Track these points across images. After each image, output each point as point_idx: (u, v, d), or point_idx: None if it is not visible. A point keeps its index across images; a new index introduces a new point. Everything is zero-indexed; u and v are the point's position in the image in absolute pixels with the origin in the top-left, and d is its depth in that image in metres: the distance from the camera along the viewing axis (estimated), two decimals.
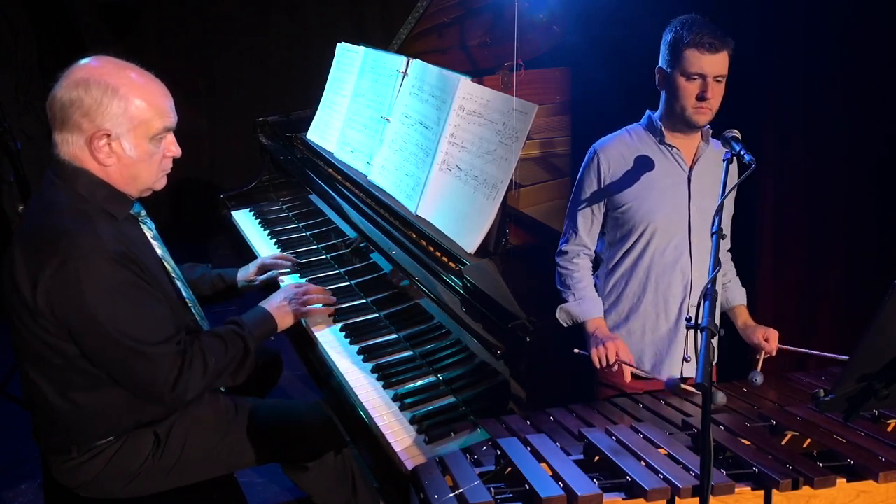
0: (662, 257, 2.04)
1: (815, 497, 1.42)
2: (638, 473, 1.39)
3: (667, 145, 2.04)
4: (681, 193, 2.03)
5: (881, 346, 1.39)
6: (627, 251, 2.07)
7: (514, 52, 2.92)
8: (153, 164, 1.85)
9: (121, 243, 1.76)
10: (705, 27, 1.91)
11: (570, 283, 2.08)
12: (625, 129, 2.11)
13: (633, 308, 2.08)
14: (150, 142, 1.81)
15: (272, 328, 2.12)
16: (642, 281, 2.06)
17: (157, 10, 5.19)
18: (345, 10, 5.36)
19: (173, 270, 2.00)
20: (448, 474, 1.44)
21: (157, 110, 1.80)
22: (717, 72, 1.92)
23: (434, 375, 2.16)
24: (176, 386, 1.79)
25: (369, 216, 2.56)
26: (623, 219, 2.05)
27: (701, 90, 1.93)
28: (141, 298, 1.77)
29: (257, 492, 2.91)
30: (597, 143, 2.11)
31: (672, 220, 2.02)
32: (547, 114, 3.11)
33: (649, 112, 2.10)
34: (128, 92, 1.75)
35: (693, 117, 1.96)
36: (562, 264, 2.12)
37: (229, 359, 1.92)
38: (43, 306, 1.70)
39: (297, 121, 3.54)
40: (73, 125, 1.74)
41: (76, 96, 1.72)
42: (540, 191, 2.84)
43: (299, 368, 3.39)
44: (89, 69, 1.76)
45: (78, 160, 1.78)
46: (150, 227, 1.99)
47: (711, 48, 1.89)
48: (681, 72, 1.93)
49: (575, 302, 2.05)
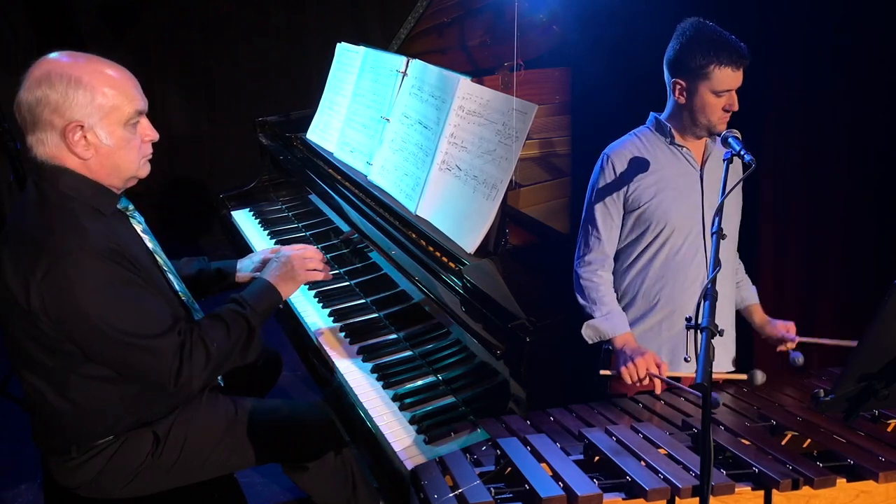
0: (678, 255, 2.06)
1: (815, 497, 1.42)
2: (638, 473, 1.39)
3: (677, 146, 2.07)
4: (694, 192, 2.05)
5: (881, 346, 1.39)
6: (643, 250, 2.08)
7: (514, 52, 2.92)
8: (132, 151, 1.83)
9: (110, 240, 1.74)
10: (728, 43, 1.92)
11: (595, 297, 2.05)
12: (632, 133, 2.13)
13: (650, 306, 2.09)
14: (125, 128, 1.79)
15: (277, 299, 2.04)
16: (658, 279, 2.07)
17: (157, 10, 5.19)
18: (345, 10, 5.35)
19: (164, 263, 1.98)
20: (448, 474, 1.44)
21: (125, 95, 1.78)
22: (740, 83, 1.96)
23: (434, 375, 2.16)
24: (179, 376, 1.77)
25: (369, 216, 2.56)
26: (640, 220, 2.07)
27: (728, 103, 1.96)
28: (133, 293, 1.76)
29: (257, 492, 2.91)
30: (607, 148, 2.12)
31: (687, 218, 2.04)
32: (547, 114, 3.11)
33: (654, 114, 2.11)
34: (91, 80, 1.73)
35: (718, 127, 2.00)
36: (585, 276, 2.09)
37: (233, 341, 1.88)
38: (37, 309, 1.69)
39: (297, 121, 3.54)
40: (44, 124, 1.72)
41: (41, 94, 1.70)
42: (540, 191, 2.83)
43: (299, 368, 3.40)
44: (48, 65, 1.74)
45: (57, 159, 1.76)
46: (139, 221, 1.98)
47: (741, 64, 1.92)
48: (710, 89, 1.94)
49: (602, 317, 2.03)
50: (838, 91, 2.37)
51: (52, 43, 4.65)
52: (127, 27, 5.14)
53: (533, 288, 2.09)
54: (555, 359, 2.01)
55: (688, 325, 1.35)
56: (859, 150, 2.37)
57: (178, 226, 5.13)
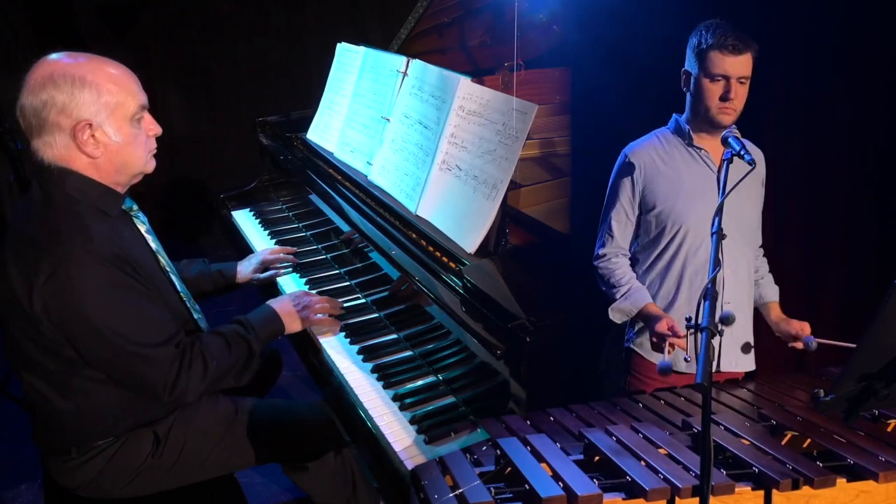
0: (695, 257, 2.07)
1: (815, 497, 1.42)
2: (638, 473, 1.39)
3: (695, 147, 2.08)
4: (711, 194, 2.06)
5: (881, 346, 1.39)
6: (661, 252, 2.11)
7: (514, 52, 2.92)
8: (139, 146, 1.84)
9: (114, 244, 1.75)
10: (728, 30, 1.96)
11: (614, 282, 2.11)
12: (653, 134, 2.16)
13: (668, 308, 2.11)
14: (131, 123, 1.80)
15: (279, 330, 2.09)
16: (676, 281, 2.10)
17: (157, 10, 5.19)
18: (345, 10, 5.35)
19: (167, 264, 1.99)
20: (448, 474, 1.44)
21: (128, 91, 1.79)
22: (740, 73, 1.96)
23: (434, 375, 2.16)
24: (175, 388, 1.79)
25: (369, 216, 2.56)
26: (656, 221, 2.09)
27: (724, 91, 1.98)
28: (135, 300, 1.76)
29: (257, 492, 2.91)
30: (627, 147, 2.16)
31: (704, 220, 2.04)
32: (547, 114, 3.11)
33: (676, 116, 2.14)
34: (95, 78, 1.73)
35: (717, 117, 2.01)
36: (601, 266, 2.15)
37: (233, 361, 1.91)
38: (40, 311, 1.69)
39: (297, 121, 3.54)
40: (51, 126, 1.72)
41: (46, 97, 1.70)
42: (540, 191, 2.83)
43: (299, 368, 3.40)
44: (49, 66, 1.74)
45: (64, 161, 1.76)
46: (143, 221, 1.98)
47: (735, 50, 1.94)
48: (705, 73, 1.98)
49: (623, 297, 2.08)
50: (838, 91, 2.37)
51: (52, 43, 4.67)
52: (127, 27, 5.14)
53: (533, 288, 2.09)
54: (555, 359, 2.00)
55: (688, 325, 1.35)
56: (859, 150, 2.37)
57: (178, 226, 5.13)
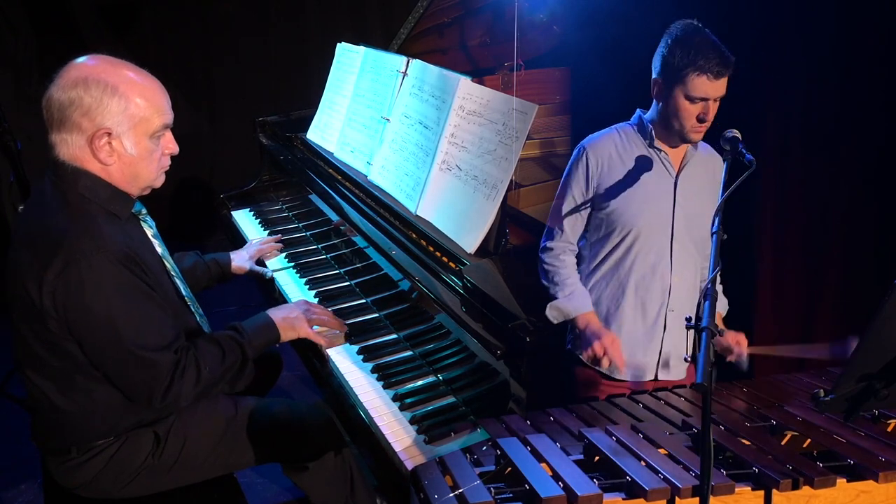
0: (644, 261, 2.03)
1: (815, 497, 1.42)
2: (638, 473, 1.39)
3: (655, 149, 2.03)
4: (666, 198, 2.02)
5: (881, 347, 1.39)
6: (609, 253, 2.06)
7: (514, 52, 2.92)
8: (153, 162, 1.85)
9: (124, 244, 1.75)
10: (711, 49, 1.86)
11: (557, 280, 2.05)
12: (614, 128, 2.09)
13: (612, 310, 2.07)
14: (150, 139, 1.81)
15: (274, 338, 2.08)
16: (623, 283, 2.05)
17: (157, 10, 5.18)
18: (345, 10, 5.35)
19: (172, 269, 2.00)
20: (448, 474, 1.44)
21: (157, 108, 1.80)
22: (718, 94, 1.90)
23: (434, 375, 2.16)
24: (167, 394, 1.80)
25: (369, 216, 2.56)
26: (607, 220, 2.04)
27: (702, 112, 1.91)
28: (142, 301, 1.77)
29: (257, 492, 2.91)
30: (585, 140, 2.09)
31: (655, 224, 2.01)
32: (547, 114, 3.12)
33: (640, 112, 2.08)
34: (127, 90, 1.75)
35: (690, 135, 1.96)
36: (547, 261, 2.09)
37: (226, 367, 1.91)
38: (48, 307, 1.70)
39: (297, 121, 3.55)
40: (72, 125, 1.73)
41: (75, 96, 1.71)
42: (540, 191, 2.84)
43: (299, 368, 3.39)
44: (86, 68, 1.75)
45: (78, 161, 1.77)
46: (150, 226, 1.99)
47: (719, 76, 1.86)
48: (684, 94, 1.89)
49: (565, 298, 2.02)
50: (838, 91, 2.37)
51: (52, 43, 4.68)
52: (127, 27, 5.14)
53: (533, 288, 2.09)
54: (555, 359, 2.01)
55: (688, 325, 1.34)
56: (859, 150, 2.37)
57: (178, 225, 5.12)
